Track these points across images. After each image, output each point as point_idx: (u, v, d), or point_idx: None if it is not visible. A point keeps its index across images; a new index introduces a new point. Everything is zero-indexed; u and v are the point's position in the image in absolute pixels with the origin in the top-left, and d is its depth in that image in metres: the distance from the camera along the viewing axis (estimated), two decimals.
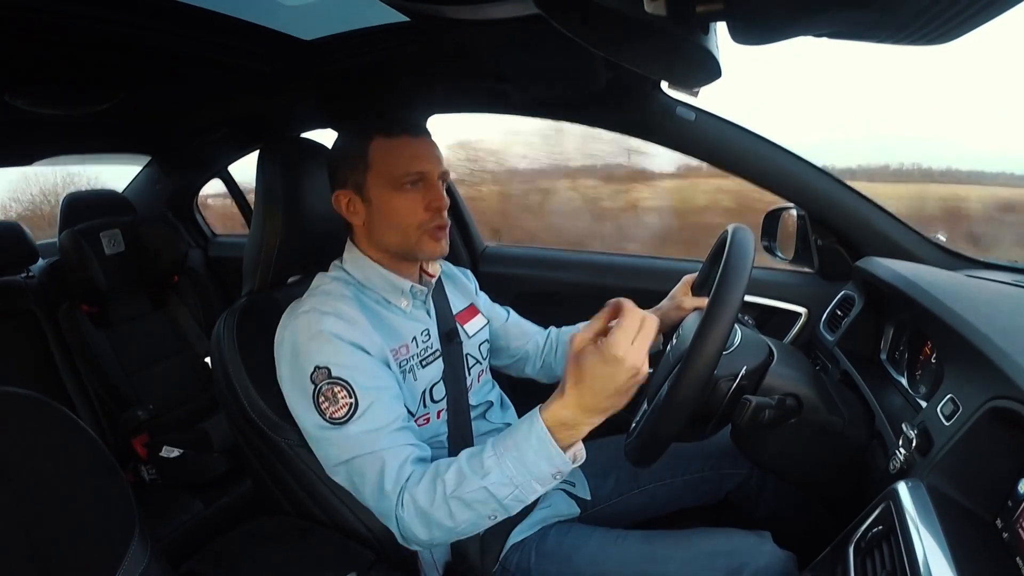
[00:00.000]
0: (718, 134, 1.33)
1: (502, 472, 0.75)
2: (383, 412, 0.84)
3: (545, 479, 0.75)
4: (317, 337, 0.85)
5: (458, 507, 0.76)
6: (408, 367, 0.95)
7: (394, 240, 0.96)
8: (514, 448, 0.75)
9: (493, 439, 0.79)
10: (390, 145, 0.93)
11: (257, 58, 1.24)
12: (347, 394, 0.83)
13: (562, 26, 0.58)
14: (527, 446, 0.74)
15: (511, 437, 0.76)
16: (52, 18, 0.91)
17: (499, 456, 0.76)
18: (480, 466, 0.76)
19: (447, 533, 0.80)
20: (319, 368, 0.84)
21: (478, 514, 0.77)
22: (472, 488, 0.75)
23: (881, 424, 0.91)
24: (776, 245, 1.49)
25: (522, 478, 0.75)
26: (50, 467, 0.65)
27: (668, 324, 1.18)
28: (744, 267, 0.80)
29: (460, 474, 0.77)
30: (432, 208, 0.94)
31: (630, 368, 0.70)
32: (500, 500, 0.76)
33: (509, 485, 0.75)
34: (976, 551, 0.60)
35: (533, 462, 0.74)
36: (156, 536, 0.77)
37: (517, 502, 0.77)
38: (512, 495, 0.76)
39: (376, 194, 0.94)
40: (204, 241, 2.52)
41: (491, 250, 1.92)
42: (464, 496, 0.75)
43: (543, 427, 0.74)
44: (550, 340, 1.30)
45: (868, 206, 1.30)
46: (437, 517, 0.77)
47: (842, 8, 0.41)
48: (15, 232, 1.81)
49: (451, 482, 0.76)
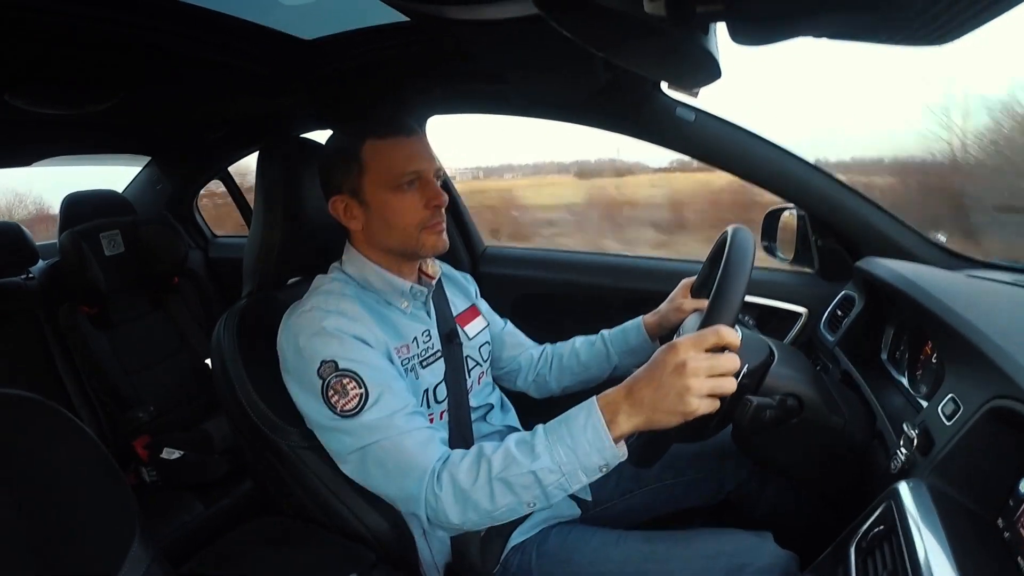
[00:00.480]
0: (717, 134, 1.33)
1: (552, 458, 0.75)
2: (394, 399, 0.84)
3: (592, 470, 0.76)
4: (320, 333, 0.85)
5: (501, 490, 0.76)
6: (410, 366, 0.95)
7: (395, 241, 0.96)
8: (568, 436, 0.75)
9: (544, 425, 0.79)
10: (383, 146, 0.93)
11: (257, 58, 1.24)
12: (356, 384, 0.83)
13: (562, 26, 0.58)
14: (582, 435, 0.74)
15: (565, 425, 0.77)
16: (52, 18, 0.91)
17: (551, 442, 0.76)
18: (531, 450, 0.76)
19: (482, 516, 0.79)
20: (325, 362, 0.84)
21: (519, 499, 0.77)
22: (520, 471, 0.75)
23: (882, 424, 0.91)
24: (776, 245, 1.49)
25: (571, 466, 0.75)
26: (51, 469, 0.65)
27: (668, 327, 1.18)
28: (744, 268, 0.80)
29: (508, 456, 0.77)
30: (432, 206, 0.94)
31: (681, 374, 0.70)
32: (545, 486, 0.76)
33: (557, 472, 0.75)
34: (977, 551, 0.60)
35: (585, 452, 0.74)
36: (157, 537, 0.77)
37: (560, 490, 0.77)
38: (557, 482, 0.76)
39: (373, 197, 0.94)
40: (204, 242, 2.52)
41: (491, 251, 1.92)
42: (510, 478, 0.76)
43: (600, 418, 0.74)
44: (544, 354, 1.29)
45: (868, 206, 1.30)
46: (476, 498, 0.77)
47: (842, 9, 0.41)
48: (15, 233, 1.81)
49: (498, 464, 0.77)
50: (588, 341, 1.27)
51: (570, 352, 1.26)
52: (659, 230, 3.64)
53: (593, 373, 1.25)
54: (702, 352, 0.71)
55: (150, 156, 2.31)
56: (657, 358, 0.74)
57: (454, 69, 1.38)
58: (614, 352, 1.22)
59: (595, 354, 1.23)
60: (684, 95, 1.27)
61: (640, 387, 0.73)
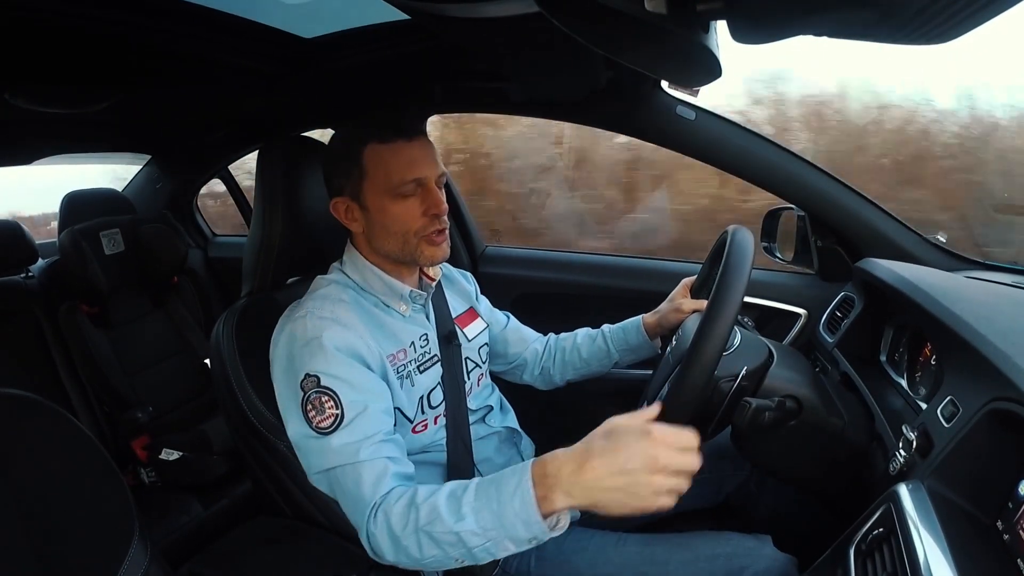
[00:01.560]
0: (718, 133, 1.33)
1: (477, 522, 0.70)
2: (366, 425, 0.82)
3: (520, 541, 0.70)
4: (311, 344, 0.84)
5: (427, 542, 0.73)
6: (405, 372, 0.95)
7: (393, 247, 0.95)
8: (496, 502, 0.70)
9: (478, 481, 0.74)
10: (385, 151, 0.91)
11: (257, 56, 1.24)
12: (334, 404, 0.81)
13: (563, 24, 0.58)
14: (509, 504, 0.69)
15: (495, 487, 0.71)
16: (52, 17, 0.91)
17: (478, 505, 0.71)
18: (457, 508, 0.71)
19: (413, 562, 0.76)
20: (309, 376, 0.83)
21: (445, 554, 0.73)
22: (444, 529, 0.71)
23: (881, 426, 0.91)
24: (776, 246, 1.49)
25: (496, 534, 0.70)
26: (49, 470, 0.65)
27: (667, 327, 1.18)
28: (744, 268, 0.80)
29: (434, 511, 0.72)
30: (430, 214, 0.92)
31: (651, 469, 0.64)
32: (470, 548, 0.71)
33: (481, 536, 0.70)
34: (977, 553, 0.60)
35: (511, 522, 0.69)
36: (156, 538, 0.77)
37: (487, 554, 0.72)
38: (483, 547, 0.71)
39: (373, 202, 0.92)
40: (204, 241, 2.52)
41: (491, 251, 1.92)
42: (434, 534, 0.72)
43: (530, 490, 0.68)
44: (548, 347, 1.30)
45: (868, 207, 1.30)
46: (405, 544, 0.74)
47: (842, 7, 0.41)
48: (15, 232, 1.81)
49: (424, 516, 0.73)
50: (590, 336, 1.27)
51: (572, 347, 1.27)
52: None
53: (594, 368, 1.26)
54: (676, 449, 0.65)
55: (150, 155, 2.30)
56: (624, 440, 0.66)
57: (454, 67, 1.38)
58: (614, 349, 1.22)
59: (596, 351, 1.24)
60: (685, 94, 1.28)
61: (596, 466, 0.65)
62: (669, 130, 1.35)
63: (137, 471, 1.78)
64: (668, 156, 1.50)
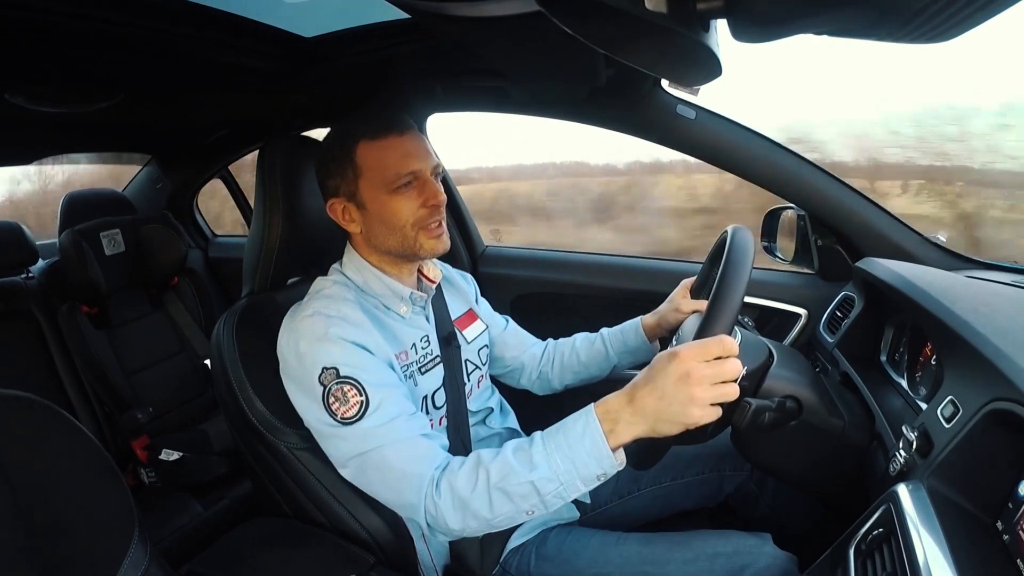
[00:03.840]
0: (718, 133, 1.33)
1: (550, 468, 0.74)
2: (394, 406, 0.84)
3: (591, 479, 0.75)
4: (322, 340, 0.85)
5: (499, 499, 0.76)
6: (409, 373, 0.95)
7: (394, 243, 0.95)
8: (566, 445, 0.74)
9: (542, 433, 0.78)
10: (377, 147, 0.91)
11: (257, 56, 1.24)
12: (357, 392, 0.82)
13: (563, 23, 0.58)
14: (580, 444, 0.73)
15: (563, 433, 0.76)
16: (52, 16, 0.91)
17: (549, 452, 0.75)
18: (528, 460, 0.75)
19: (482, 524, 0.79)
20: (327, 369, 0.83)
21: (517, 508, 0.76)
22: (518, 481, 0.75)
23: (881, 426, 0.91)
24: (776, 246, 1.49)
25: (569, 476, 0.74)
26: (49, 470, 0.65)
27: (666, 328, 1.18)
28: (744, 268, 0.80)
29: (506, 465, 0.76)
30: (429, 205, 0.93)
31: (686, 383, 0.68)
32: (543, 495, 0.75)
33: (555, 481, 0.74)
34: (977, 553, 0.59)
35: (583, 462, 0.73)
36: (156, 538, 0.77)
37: (558, 499, 0.76)
38: (555, 491, 0.75)
39: (371, 199, 0.93)
40: (204, 242, 2.52)
41: (491, 251, 1.92)
42: (508, 488, 0.75)
43: (598, 427, 0.73)
44: (547, 352, 1.29)
45: (868, 206, 1.30)
46: (475, 507, 0.77)
47: (842, 6, 0.41)
48: (15, 232, 1.81)
49: (496, 473, 0.76)
50: (588, 340, 1.26)
51: (571, 351, 1.26)
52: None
53: (593, 372, 1.25)
54: (704, 361, 0.69)
55: (150, 155, 2.30)
56: (658, 366, 0.72)
57: (455, 66, 1.38)
58: (613, 352, 1.22)
59: (595, 354, 1.24)
60: (685, 93, 1.27)
61: (642, 396, 0.72)
62: (669, 129, 1.35)
63: (137, 471, 1.78)
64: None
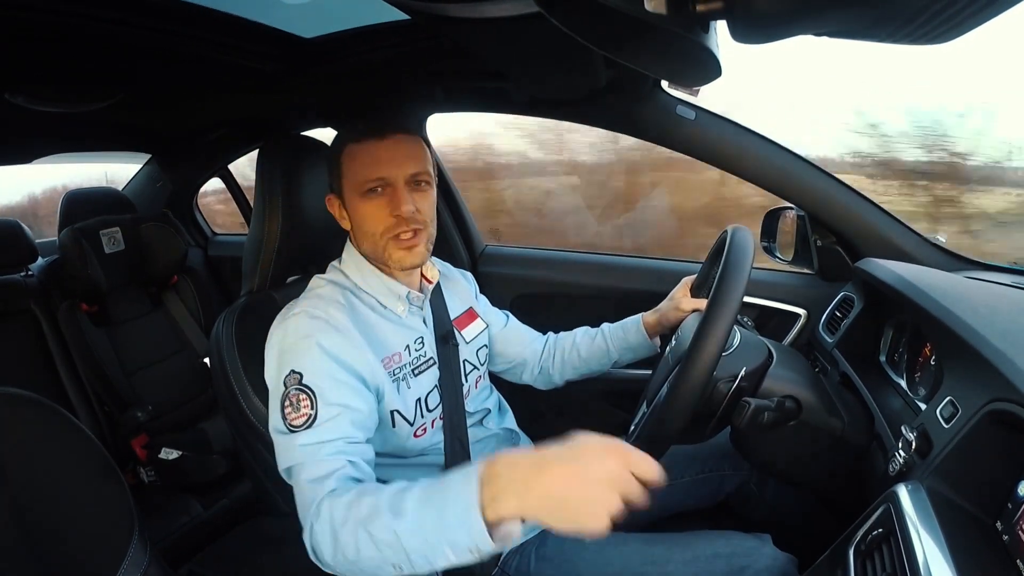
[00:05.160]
0: (718, 133, 1.33)
1: (417, 521, 0.65)
2: (335, 429, 0.80)
3: (460, 550, 0.63)
4: (301, 342, 0.84)
5: (364, 540, 0.67)
6: (401, 375, 0.94)
7: (368, 247, 0.95)
8: (440, 500, 0.64)
9: (430, 479, 0.69)
10: (357, 150, 0.92)
11: (257, 56, 1.24)
12: (309, 404, 0.81)
13: (563, 24, 0.58)
14: (452, 504, 0.63)
15: (442, 485, 0.66)
16: (52, 16, 0.91)
17: (422, 502, 0.66)
18: (400, 504, 0.66)
19: (351, 565, 0.70)
20: (293, 372, 0.83)
21: (383, 557, 0.66)
22: (382, 525, 0.66)
23: (880, 426, 0.91)
24: (775, 246, 1.49)
25: (435, 537, 0.63)
26: (49, 469, 0.65)
27: (667, 325, 1.18)
28: (743, 268, 0.80)
29: (376, 505, 0.68)
30: (394, 215, 0.91)
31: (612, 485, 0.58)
32: (407, 551, 0.65)
33: (420, 538, 0.64)
34: (976, 553, 0.60)
35: (451, 525, 0.62)
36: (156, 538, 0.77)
37: (425, 561, 0.65)
38: (419, 550, 0.65)
39: (349, 201, 0.94)
40: (204, 240, 2.52)
41: (490, 250, 1.92)
42: (372, 531, 0.66)
43: (474, 492, 0.62)
44: (548, 346, 1.29)
45: (868, 207, 1.30)
46: (343, 541, 0.69)
47: (843, 6, 0.41)
48: (15, 230, 1.81)
49: (366, 510, 0.68)
50: (589, 335, 1.26)
51: (571, 346, 1.26)
52: None
53: (593, 367, 1.25)
54: (636, 469, 0.60)
55: (150, 154, 2.30)
56: (588, 453, 0.61)
57: (454, 67, 1.38)
58: (613, 348, 1.22)
59: (595, 350, 1.24)
60: (685, 93, 1.27)
61: (551, 474, 0.60)
62: (669, 130, 1.35)
63: (137, 470, 1.78)
64: None
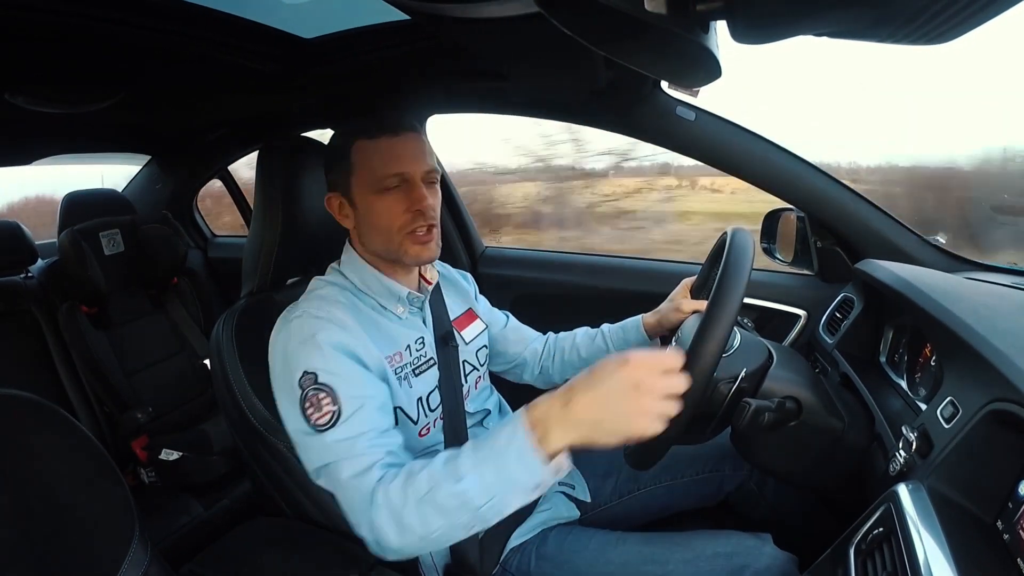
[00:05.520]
0: (718, 134, 1.33)
1: (479, 478, 0.69)
2: (364, 420, 0.81)
3: (525, 491, 0.69)
4: (308, 342, 0.84)
5: (431, 512, 0.70)
6: (403, 375, 0.94)
7: (380, 244, 0.95)
8: (493, 455, 0.69)
9: (472, 441, 0.74)
10: (370, 147, 0.92)
11: (257, 57, 1.24)
12: (331, 401, 0.81)
13: (563, 25, 0.58)
14: (507, 454, 0.68)
15: (490, 441, 0.70)
16: (52, 17, 0.91)
17: (476, 461, 0.70)
18: (455, 470, 0.70)
19: (420, 541, 0.73)
20: (307, 373, 0.83)
21: (451, 522, 0.71)
22: (446, 493, 0.69)
23: (881, 427, 0.91)
24: (775, 247, 1.49)
25: (499, 487, 0.68)
26: (49, 470, 0.65)
27: (667, 327, 1.18)
28: (743, 269, 0.80)
29: (434, 476, 0.71)
30: (413, 210, 0.92)
31: (636, 392, 0.64)
32: (476, 509, 0.69)
33: (485, 493, 0.69)
34: (977, 553, 0.60)
35: (512, 472, 0.68)
36: (156, 538, 0.77)
37: (494, 512, 0.70)
38: (488, 504, 0.69)
39: (359, 198, 0.93)
40: (203, 242, 2.52)
41: (490, 251, 1.92)
42: (437, 500, 0.70)
43: (525, 436, 0.67)
44: (548, 346, 1.30)
45: (868, 208, 1.30)
46: (408, 521, 0.71)
47: (842, 7, 0.41)
48: (14, 232, 1.81)
49: (423, 484, 0.71)
50: (589, 336, 1.26)
51: (571, 347, 1.26)
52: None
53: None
54: (656, 372, 0.66)
55: (150, 155, 2.30)
56: (604, 372, 0.67)
57: (454, 68, 1.38)
58: (614, 349, 1.22)
59: (595, 350, 1.24)
60: (684, 94, 1.28)
61: (581, 402, 0.66)
62: (669, 131, 1.35)
63: (137, 471, 1.78)
64: None
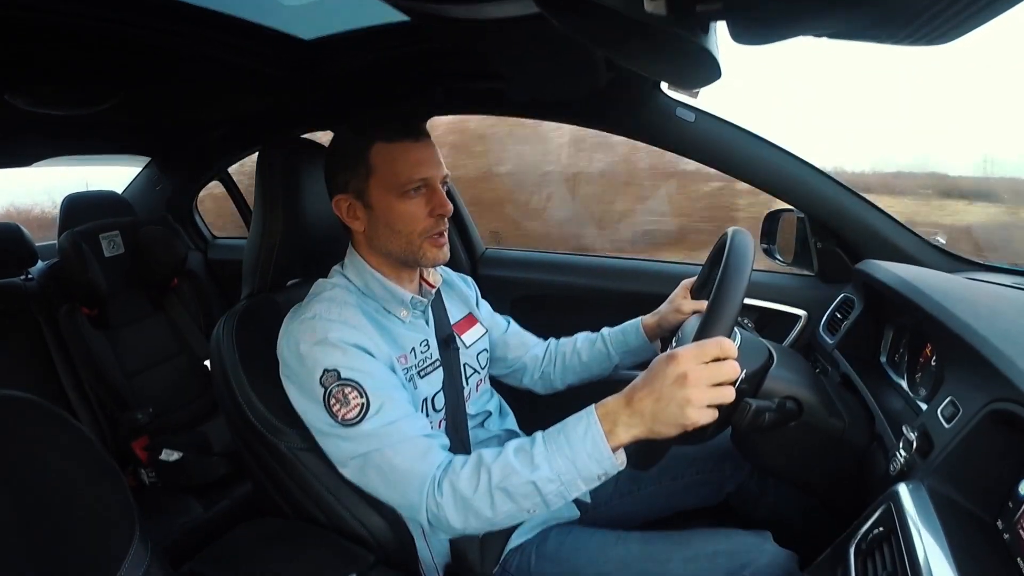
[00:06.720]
0: (717, 135, 1.33)
1: (552, 468, 0.75)
2: (396, 408, 0.84)
3: (591, 479, 0.76)
4: (323, 343, 0.85)
5: (501, 498, 0.77)
6: (409, 376, 0.95)
7: (397, 247, 0.95)
8: (567, 446, 0.75)
9: (542, 433, 0.79)
10: (392, 150, 0.92)
11: (257, 58, 1.24)
12: (358, 394, 0.83)
13: (563, 25, 0.58)
14: (581, 445, 0.75)
15: (564, 434, 0.77)
16: (52, 17, 0.91)
17: (550, 452, 0.76)
18: (530, 460, 0.76)
19: (483, 523, 0.80)
20: (328, 371, 0.84)
21: (519, 507, 0.78)
22: (520, 481, 0.76)
23: (881, 426, 0.91)
24: (776, 248, 1.49)
25: (570, 476, 0.75)
26: (49, 471, 0.65)
27: (667, 328, 1.18)
28: (743, 270, 0.80)
29: (508, 466, 0.77)
30: (436, 215, 0.94)
31: (682, 385, 0.69)
32: (544, 495, 0.76)
33: (556, 481, 0.76)
34: (977, 552, 0.60)
35: (584, 462, 0.74)
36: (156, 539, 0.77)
37: (560, 498, 0.77)
38: (556, 491, 0.76)
39: (379, 200, 0.93)
40: (203, 243, 2.52)
41: (490, 253, 1.92)
42: (510, 488, 0.76)
43: (599, 429, 0.74)
44: (549, 351, 1.30)
45: (868, 208, 1.30)
46: (477, 506, 0.78)
47: (842, 7, 0.41)
48: (15, 234, 1.81)
49: (498, 473, 0.77)
50: (589, 340, 1.27)
51: (572, 351, 1.27)
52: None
53: (595, 372, 1.26)
54: (701, 363, 0.70)
55: (150, 157, 2.30)
56: (656, 368, 0.73)
57: (455, 69, 1.38)
58: (614, 352, 1.22)
59: (596, 354, 1.24)
60: (684, 95, 1.28)
61: (640, 398, 0.73)
62: (669, 132, 1.35)
63: (137, 472, 1.78)
64: None
